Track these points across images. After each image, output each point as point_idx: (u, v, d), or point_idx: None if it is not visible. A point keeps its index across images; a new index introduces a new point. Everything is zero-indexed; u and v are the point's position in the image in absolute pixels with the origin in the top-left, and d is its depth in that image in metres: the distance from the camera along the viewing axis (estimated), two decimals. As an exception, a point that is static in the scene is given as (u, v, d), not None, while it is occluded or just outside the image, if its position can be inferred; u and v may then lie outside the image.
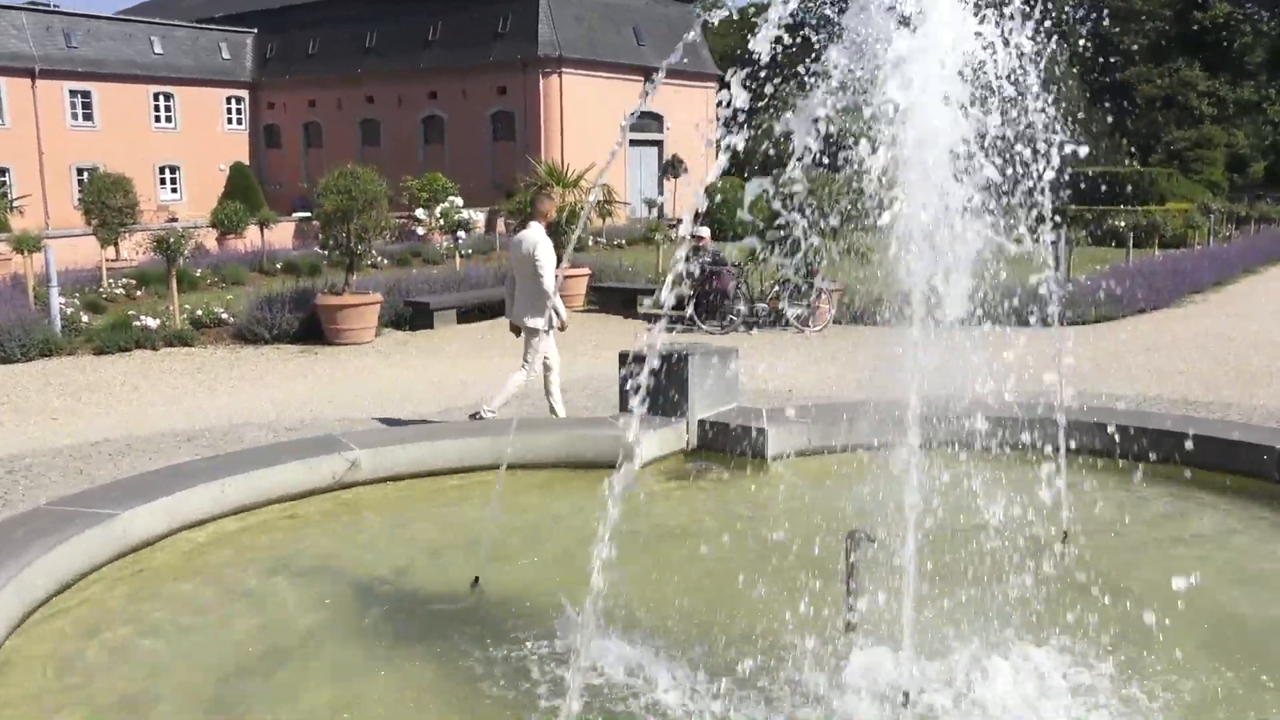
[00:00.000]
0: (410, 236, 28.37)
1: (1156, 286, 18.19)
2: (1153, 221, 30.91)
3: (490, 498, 5.78)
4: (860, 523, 4.42)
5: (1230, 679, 4.12)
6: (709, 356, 7.76)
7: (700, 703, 3.93)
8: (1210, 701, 3.95)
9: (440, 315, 16.03)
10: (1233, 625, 4.69)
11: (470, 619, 4.76)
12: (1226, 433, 7.15)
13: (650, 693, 3.99)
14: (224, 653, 4.47)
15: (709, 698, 3.95)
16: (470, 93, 45.29)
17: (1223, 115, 57.91)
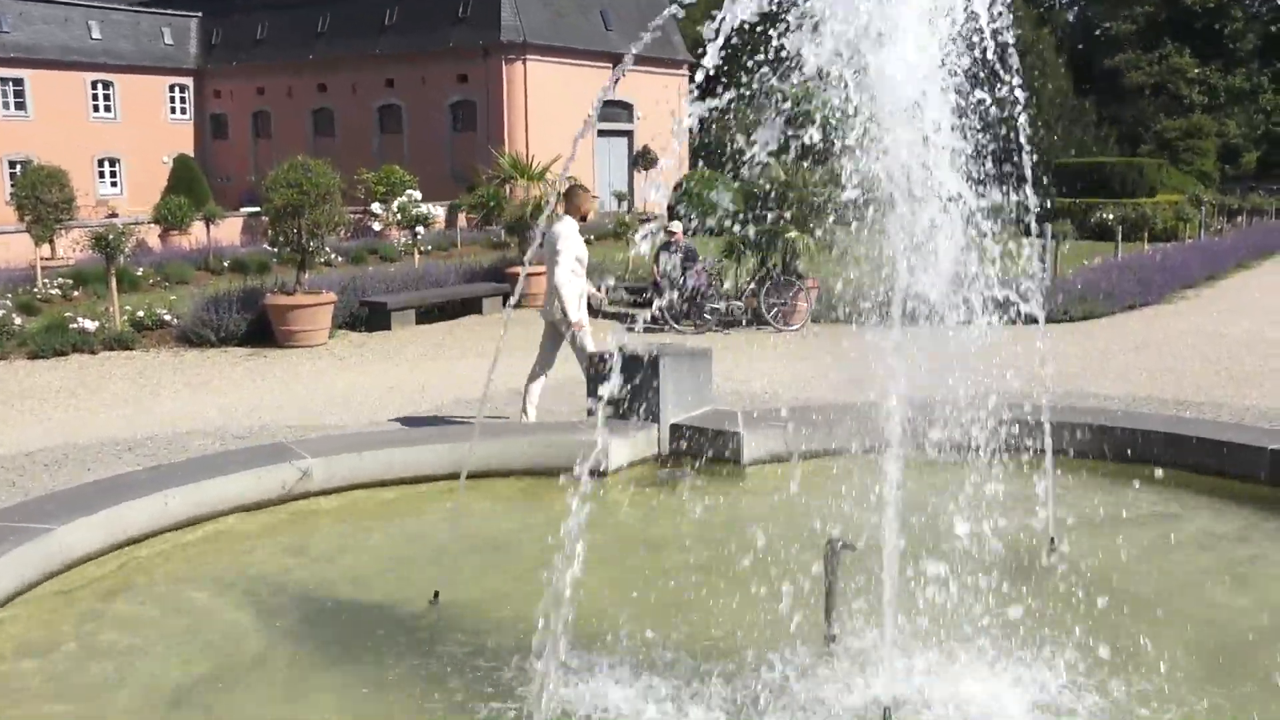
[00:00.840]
0: (366, 232, 28.25)
1: (1146, 282, 18.40)
2: (1142, 214, 31.27)
3: (451, 508, 5.77)
4: (840, 531, 4.44)
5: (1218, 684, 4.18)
6: (681, 358, 7.77)
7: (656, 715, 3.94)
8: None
9: (398, 316, 15.96)
10: (1222, 629, 4.75)
11: (429, 636, 4.74)
12: (1217, 434, 7.25)
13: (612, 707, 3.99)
14: (167, 675, 4.43)
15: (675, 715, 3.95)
16: (429, 80, 45.12)
17: (1213, 104, 58.68)
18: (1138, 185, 39.90)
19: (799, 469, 6.88)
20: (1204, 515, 6.33)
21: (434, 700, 4.16)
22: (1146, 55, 59.48)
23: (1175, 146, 53.41)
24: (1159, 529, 6.16)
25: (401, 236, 25.74)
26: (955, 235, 4.47)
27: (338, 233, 18.24)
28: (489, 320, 16.83)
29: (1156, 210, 32.65)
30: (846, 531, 4.42)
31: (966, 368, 4.69)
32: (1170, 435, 7.15)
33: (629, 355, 7.60)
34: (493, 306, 17.52)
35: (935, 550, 4.78)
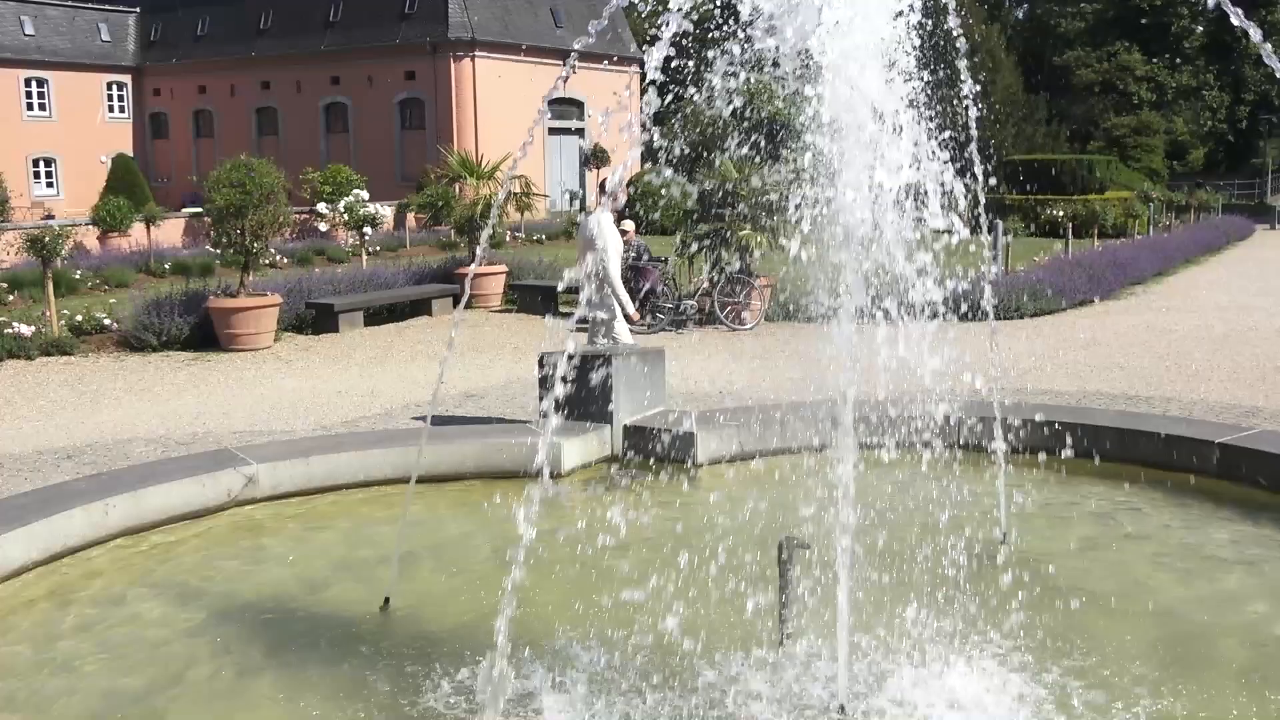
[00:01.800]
0: (312, 233, 27.99)
1: (1097, 278, 18.69)
2: (1092, 210, 31.77)
3: (400, 512, 5.73)
4: (793, 529, 4.48)
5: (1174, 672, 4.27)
6: (634, 358, 7.79)
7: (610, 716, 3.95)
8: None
9: (346, 318, 15.82)
10: (1173, 621, 4.84)
11: (380, 643, 4.71)
12: (1167, 428, 7.39)
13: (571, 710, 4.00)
14: (112, 684, 4.37)
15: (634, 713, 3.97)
16: (376, 78, 44.78)
17: (1162, 101, 59.71)
18: (1088, 182, 40.55)
19: (753, 468, 6.92)
20: (1154, 508, 6.45)
21: (383, 709, 4.13)
22: (1096, 53, 60.41)
23: (1124, 143, 54.32)
24: (1109, 522, 6.27)
25: (349, 237, 25.52)
26: (906, 233, 4.53)
27: (283, 234, 18.05)
28: (439, 322, 16.74)
29: (1106, 207, 33.20)
30: (800, 530, 4.46)
31: (918, 365, 4.74)
32: (1121, 430, 7.28)
33: (582, 356, 7.61)
34: (443, 308, 17.42)
35: (889, 545, 4.84)
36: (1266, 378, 11.25)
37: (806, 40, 4.06)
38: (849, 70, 4.10)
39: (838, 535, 4.06)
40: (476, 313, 17.53)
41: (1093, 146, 53.34)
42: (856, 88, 4.01)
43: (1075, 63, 60.03)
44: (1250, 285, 21.13)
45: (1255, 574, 5.50)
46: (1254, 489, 6.46)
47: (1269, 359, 12.40)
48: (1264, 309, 17.16)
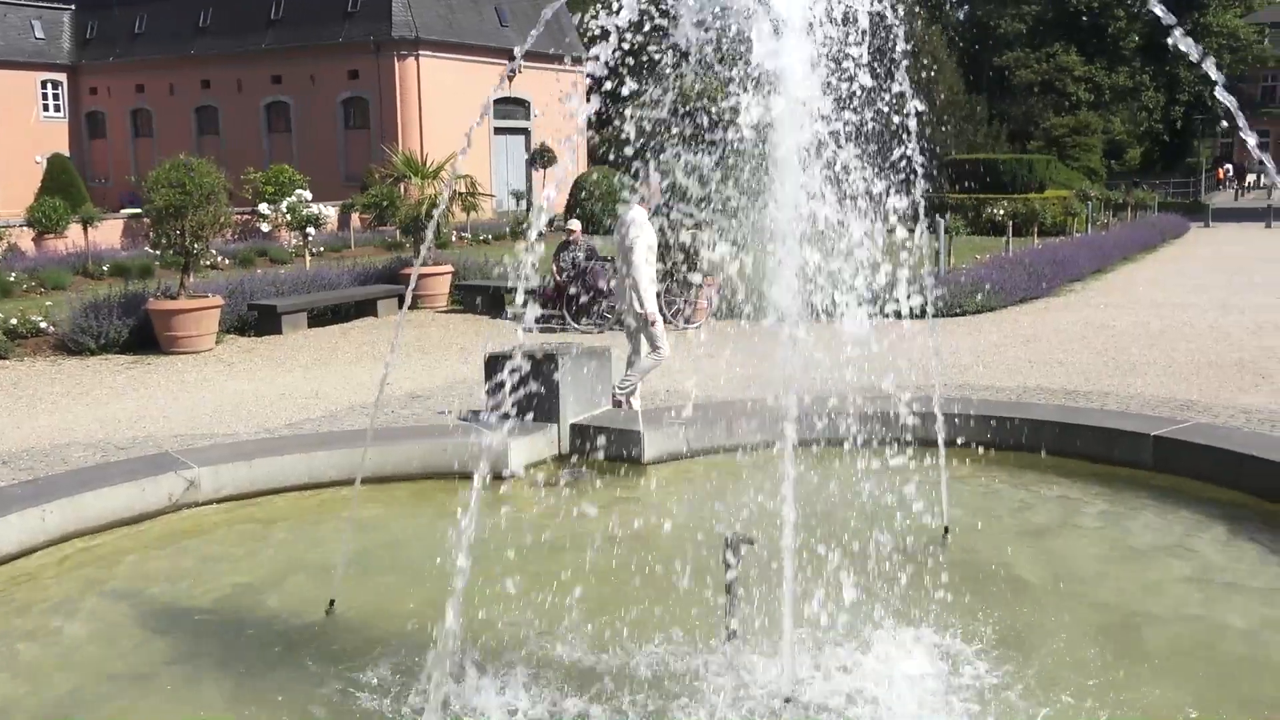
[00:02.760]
0: (254, 234, 27.65)
1: (1036, 276, 18.98)
2: (1032, 209, 32.26)
3: (346, 515, 5.70)
4: (738, 525, 4.51)
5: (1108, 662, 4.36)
6: (581, 357, 7.81)
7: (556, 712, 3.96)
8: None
9: (289, 319, 15.64)
10: (1109, 609, 4.95)
11: (325, 646, 4.68)
12: (1105, 422, 7.55)
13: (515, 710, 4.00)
14: (52, 692, 4.30)
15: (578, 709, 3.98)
16: (319, 77, 44.30)
17: (1099, 101, 60.75)
18: (1027, 181, 41.14)
19: (699, 465, 6.97)
20: (1092, 500, 6.58)
21: (327, 714, 4.11)
22: (1035, 54, 61.32)
23: (1063, 143, 55.16)
24: (1049, 514, 6.38)
25: (292, 238, 25.24)
26: (849, 231, 4.58)
27: (224, 235, 17.84)
28: (384, 323, 16.62)
29: (1045, 205, 33.73)
30: (746, 526, 4.49)
31: (862, 362, 4.80)
32: (1060, 424, 7.42)
33: (528, 355, 7.61)
34: (388, 309, 17.30)
35: (833, 539, 4.89)
36: (1200, 372, 11.50)
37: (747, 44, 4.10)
38: (789, 73, 4.14)
39: (782, 530, 4.10)
40: (422, 313, 17.44)
41: (1032, 146, 54.09)
42: (793, 91, 4.05)
43: (1015, 64, 60.91)
44: (1185, 282, 21.57)
45: (1181, 561, 5.63)
46: (1187, 480, 6.62)
47: (1203, 354, 12.69)
48: (1198, 305, 17.54)
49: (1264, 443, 7.12)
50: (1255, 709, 4.08)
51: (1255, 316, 16.00)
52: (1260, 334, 14.26)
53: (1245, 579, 5.40)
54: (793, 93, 4.15)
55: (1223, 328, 14.87)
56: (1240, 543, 5.83)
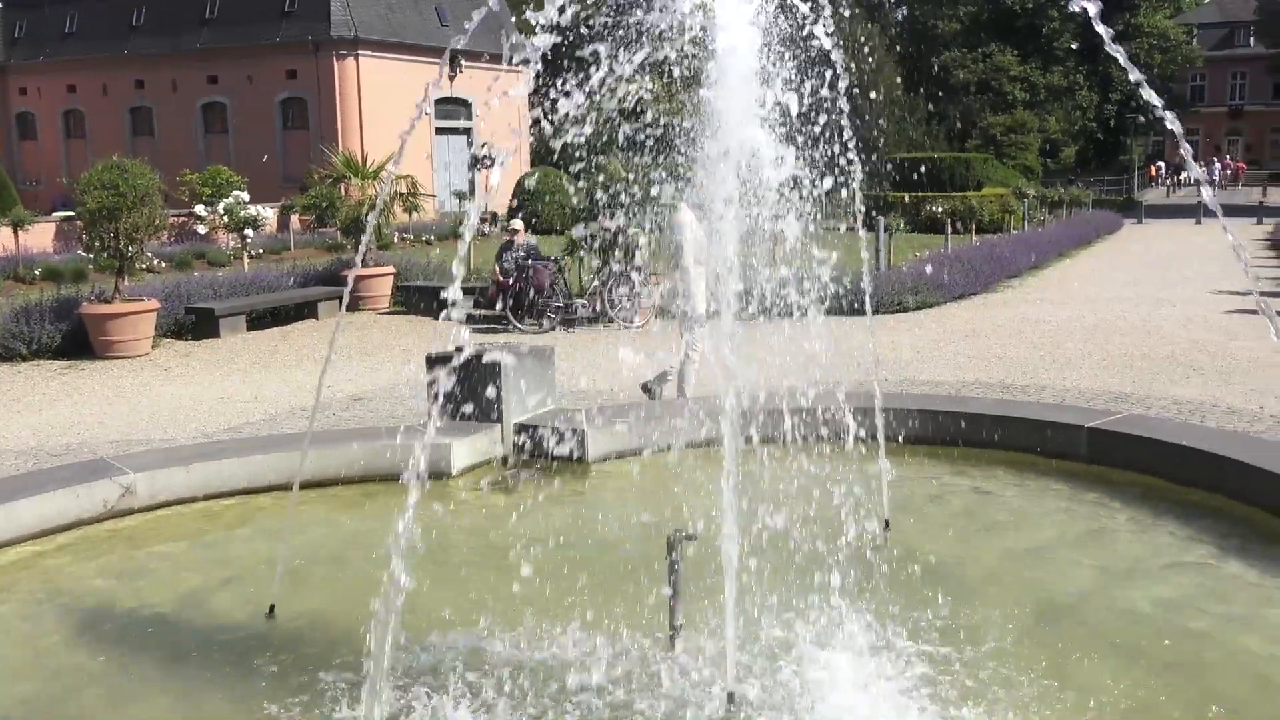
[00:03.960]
0: (191, 236, 27.22)
1: (974, 272, 19.26)
2: (970, 206, 32.71)
3: (286, 519, 5.63)
4: (681, 522, 4.53)
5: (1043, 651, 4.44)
6: (524, 357, 7.78)
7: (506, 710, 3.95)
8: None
9: (227, 322, 15.43)
10: (1043, 599, 5.03)
11: (265, 652, 4.62)
12: (1041, 415, 7.67)
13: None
14: (-23, 709, 4.20)
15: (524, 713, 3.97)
16: (256, 77, 43.69)
17: (1035, 100, 61.78)
18: (965, 179, 41.75)
19: (643, 463, 6.98)
20: (1027, 491, 6.69)
21: (270, 716, 4.06)
22: (972, 54, 62.21)
23: (1000, 141, 56.07)
24: (988, 506, 6.48)
25: (230, 240, 24.89)
26: (789, 229, 4.61)
27: (159, 237, 17.54)
28: (326, 325, 16.45)
29: (983, 203, 34.22)
30: (688, 523, 4.51)
31: (802, 358, 4.84)
32: (998, 418, 7.53)
33: (471, 355, 7.57)
34: (329, 311, 17.12)
35: (775, 535, 4.92)
36: (1133, 365, 11.75)
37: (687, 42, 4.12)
38: (729, 73, 4.17)
39: (724, 527, 4.12)
40: (364, 315, 17.29)
41: (970, 145, 54.91)
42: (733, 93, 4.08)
43: (952, 63, 61.75)
44: (1119, 277, 22.02)
45: (1103, 548, 5.75)
46: (1120, 470, 6.75)
47: (1136, 347, 12.96)
48: (1131, 300, 17.91)
49: (1194, 433, 7.29)
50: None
51: (1186, 310, 16.37)
52: (1190, 327, 14.59)
53: (1175, 564, 5.52)
54: (730, 91, 4.18)
55: (1155, 322, 15.20)
56: (1159, 529, 5.96)
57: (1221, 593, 5.14)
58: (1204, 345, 13.03)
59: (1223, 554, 5.55)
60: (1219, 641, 4.59)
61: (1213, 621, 4.79)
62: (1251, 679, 4.29)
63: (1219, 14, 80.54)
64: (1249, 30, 74.75)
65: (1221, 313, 15.99)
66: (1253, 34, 72.90)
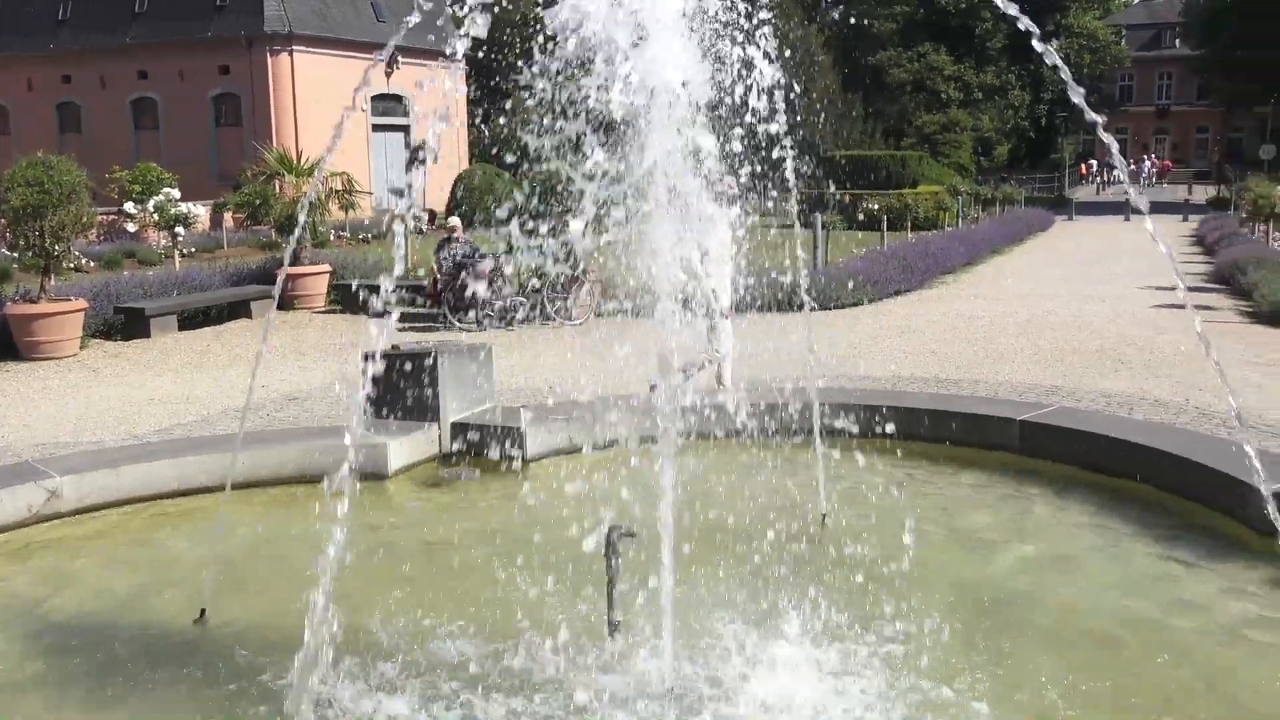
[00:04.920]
0: (121, 235, 26.65)
1: (910, 269, 19.48)
2: (906, 204, 33.10)
3: (218, 521, 5.54)
4: (620, 519, 4.52)
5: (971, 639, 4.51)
6: (461, 355, 7.72)
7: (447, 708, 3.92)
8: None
9: (158, 322, 15.13)
10: (978, 587, 5.11)
11: (195, 657, 4.54)
12: (975, 408, 7.78)
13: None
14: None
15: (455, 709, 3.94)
16: (188, 73, 42.89)
17: (968, 99, 62.64)
18: (901, 177, 42.19)
19: (582, 461, 6.96)
20: (961, 483, 6.78)
21: None
22: (907, 54, 62.92)
23: (935, 140, 56.78)
24: (924, 499, 6.56)
25: (161, 238, 24.41)
26: (727, 227, 4.63)
27: (87, 235, 17.15)
28: (260, 324, 16.20)
29: (918, 200, 34.64)
30: (628, 519, 4.50)
31: (740, 354, 4.87)
32: (934, 411, 7.62)
33: (408, 353, 7.50)
34: (264, 310, 16.86)
35: (715, 529, 4.94)
36: (1064, 359, 11.96)
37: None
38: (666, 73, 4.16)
39: (662, 523, 4.13)
40: (299, 314, 17.07)
41: (905, 143, 55.52)
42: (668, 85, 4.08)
43: (888, 63, 62.40)
44: (1051, 273, 22.39)
45: (1031, 536, 5.85)
46: (1051, 462, 6.87)
47: (1066, 341, 13.19)
48: (1062, 296, 18.22)
49: (1122, 425, 7.44)
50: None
51: (1114, 306, 16.70)
52: (1119, 322, 14.89)
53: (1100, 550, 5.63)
54: (666, 89, 4.17)
55: (1085, 317, 15.48)
56: (1082, 516, 6.09)
57: (1145, 577, 5.25)
58: (1132, 339, 13.30)
59: (1142, 539, 5.67)
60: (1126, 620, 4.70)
61: (1129, 603, 4.89)
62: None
63: (1147, 15, 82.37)
64: (1175, 32, 76.52)
65: (1149, 308, 16.33)
66: (1179, 35, 74.62)
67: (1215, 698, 4.13)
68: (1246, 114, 66.39)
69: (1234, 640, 4.60)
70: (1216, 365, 3.86)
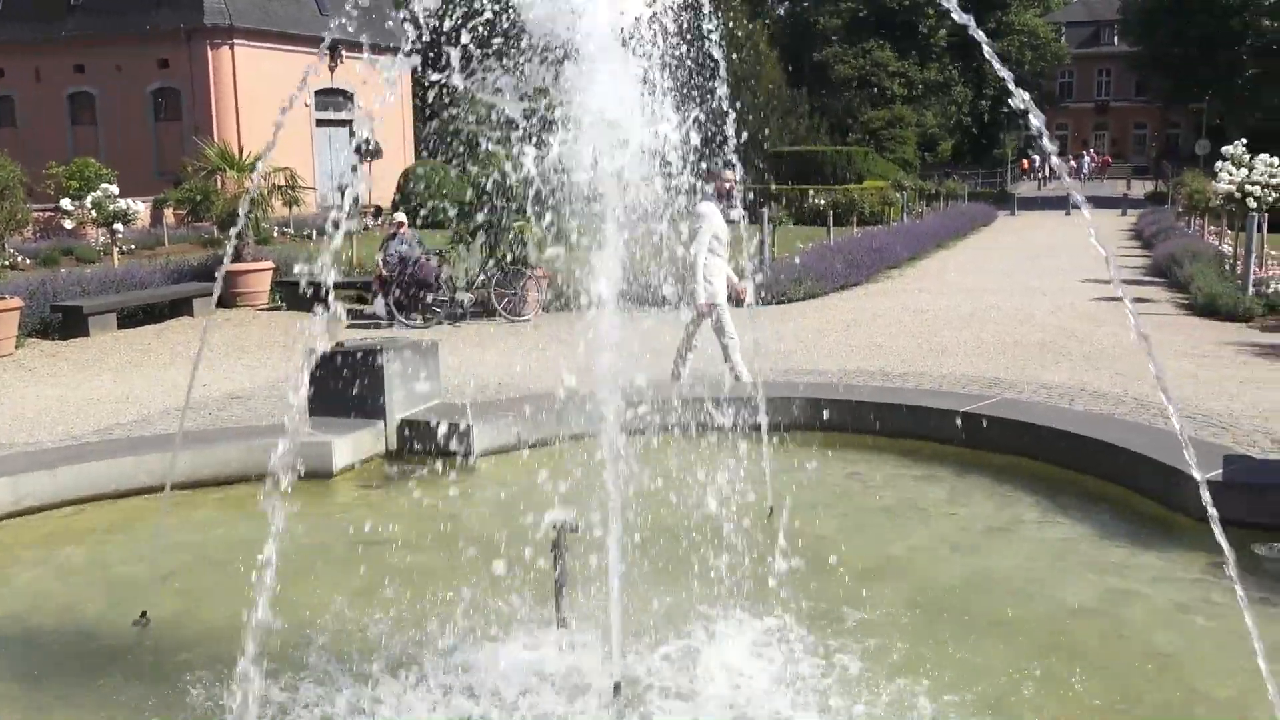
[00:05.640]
0: (58, 232, 26.11)
1: (856, 263, 19.65)
2: (851, 199, 33.37)
3: (159, 522, 5.45)
4: (567, 514, 4.51)
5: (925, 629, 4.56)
6: (407, 351, 7.67)
7: (395, 709, 3.89)
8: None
9: (97, 320, 14.85)
10: (923, 577, 5.16)
11: (136, 659, 4.47)
12: (919, 401, 7.87)
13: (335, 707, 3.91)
14: None
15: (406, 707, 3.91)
16: (126, 67, 42.11)
17: (913, 95, 63.27)
18: (847, 172, 42.52)
19: (529, 457, 6.94)
20: (904, 476, 6.86)
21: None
22: (852, 50, 63.40)
23: (880, 136, 57.26)
24: (867, 490, 6.62)
25: (99, 235, 23.94)
26: (671, 222, 4.63)
27: (22, 232, 16.78)
28: (202, 323, 15.96)
29: (864, 195, 34.96)
30: (574, 515, 4.50)
31: (687, 350, 4.86)
32: (879, 405, 7.70)
33: (353, 351, 7.43)
34: (205, 308, 16.61)
35: (661, 524, 4.94)
36: (1006, 351, 12.13)
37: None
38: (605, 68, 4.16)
39: (608, 518, 4.12)
40: (242, 311, 16.84)
41: (851, 139, 55.93)
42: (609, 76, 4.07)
43: (833, 59, 62.83)
44: (994, 267, 22.70)
45: (970, 524, 5.93)
46: (994, 453, 6.96)
47: (1008, 334, 13.37)
48: (1005, 290, 18.48)
49: (1062, 416, 7.56)
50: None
51: (1055, 299, 16.96)
52: (1059, 315, 15.13)
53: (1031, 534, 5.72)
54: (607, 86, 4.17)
55: (1026, 310, 15.71)
56: (1022, 504, 6.18)
57: (1086, 563, 5.35)
58: (1073, 332, 13.52)
59: (1082, 527, 5.77)
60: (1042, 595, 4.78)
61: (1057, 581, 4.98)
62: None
63: (1086, 13, 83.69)
64: (1114, 29, 77.86)
65: (1089, 300, 16.61)
66: (1117, 33, 75.91)
67: (1168, 680, 4.21)
68: (1183, 110, 67.74)
69: (1177, 624, 4.70)
70: (1152, 358, 3.93)
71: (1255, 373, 10.71)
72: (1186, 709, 4.00)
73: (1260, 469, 6.02)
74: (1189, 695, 4.10)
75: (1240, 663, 3.95)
